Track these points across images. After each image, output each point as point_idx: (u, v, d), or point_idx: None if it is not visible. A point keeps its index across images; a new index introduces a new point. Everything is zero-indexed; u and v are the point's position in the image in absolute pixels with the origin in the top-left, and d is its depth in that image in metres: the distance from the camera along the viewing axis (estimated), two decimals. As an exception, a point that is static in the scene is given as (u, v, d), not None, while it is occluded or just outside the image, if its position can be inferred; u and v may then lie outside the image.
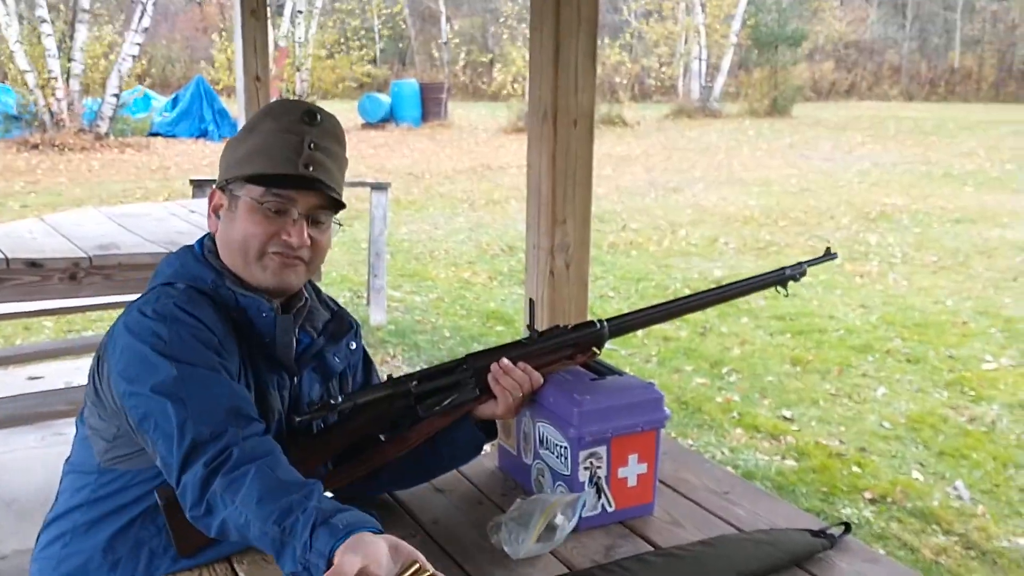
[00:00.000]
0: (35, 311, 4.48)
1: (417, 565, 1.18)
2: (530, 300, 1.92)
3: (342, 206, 1.58)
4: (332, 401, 1.55)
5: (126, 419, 1.44)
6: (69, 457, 1.64)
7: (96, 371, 1.53)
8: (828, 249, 1.97)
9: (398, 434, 1.60)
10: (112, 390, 1.46)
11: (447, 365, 1.66)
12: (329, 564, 1.18)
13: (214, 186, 1.60)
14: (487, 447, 1.79)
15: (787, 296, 1.93)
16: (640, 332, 5.87)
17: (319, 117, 1.54)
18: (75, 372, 4.58)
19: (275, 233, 1.53)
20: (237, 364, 1.50)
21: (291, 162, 1.51)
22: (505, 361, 1.63)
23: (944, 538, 3.51)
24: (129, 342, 1.44)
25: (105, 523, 1.54)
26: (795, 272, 1.86)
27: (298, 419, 1.55)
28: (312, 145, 1.52)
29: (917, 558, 3.30)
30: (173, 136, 17.43)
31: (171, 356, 1.41)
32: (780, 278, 1.86)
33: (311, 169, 1.51)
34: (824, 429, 4.56)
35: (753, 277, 1.87)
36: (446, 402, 1.61)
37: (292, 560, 1.23)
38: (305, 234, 1.54)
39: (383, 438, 1.60)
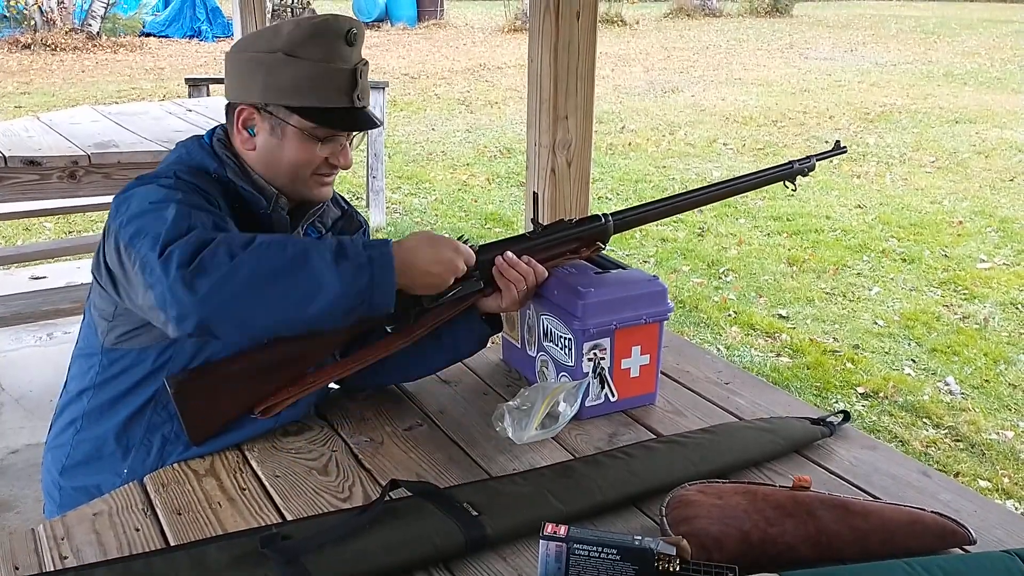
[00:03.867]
0: (35, 211, 4.48)
1: None
2: (534, 193, 1.92)
3: None
4: None
5: (119, 259, 1.42)
6: (76, 343, 1.67)
7: (102, 246, 1.52)
8: (838, 143, 1.95)
9: (404, 325, 1.61)
10: (117, 245, 1.43)
11: (453, 257, 1.67)
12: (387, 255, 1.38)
13: (242, 103, 1.57)
14: (492, 340, 1.82)
15: (794, 191, 1.93)
16: (638, 233, 5.90)
17: (357, 33, 1.57)
18: (76, 272, 4.62)
19: (325, 159, 1.60)
20: None
21: (346, 95, 1.56)
22: (509, 254, 1.64)
23: (934, 431, 3.59)
24: (133, 202, 1.44)
25: (116, 407, 1.57)
26: (804, 166, 1.86)
27: None
28: (360, 74, 1.57)
29: (907, 450, 3.38)
30: (166, 36, 17.11)
31: (174, 199, 1.42)
32: (788, 172, 1.85)
33: (361, 101, 1.58)
34: (818, 327, 4.62)
35: (761, 170, 1.86)
36: (451, 294, 1.61)
37: (355, 254, 1.36)
38: (351, 155, 1.63)
39: (389, 329, 1.62)
